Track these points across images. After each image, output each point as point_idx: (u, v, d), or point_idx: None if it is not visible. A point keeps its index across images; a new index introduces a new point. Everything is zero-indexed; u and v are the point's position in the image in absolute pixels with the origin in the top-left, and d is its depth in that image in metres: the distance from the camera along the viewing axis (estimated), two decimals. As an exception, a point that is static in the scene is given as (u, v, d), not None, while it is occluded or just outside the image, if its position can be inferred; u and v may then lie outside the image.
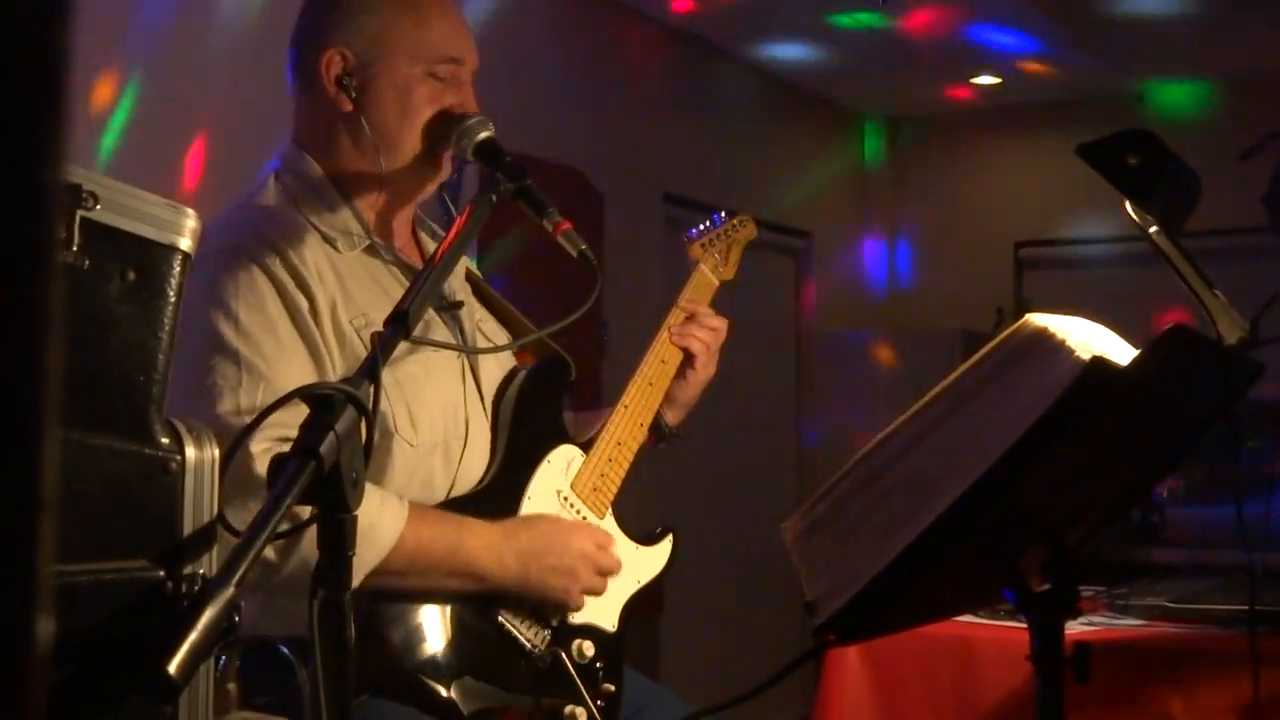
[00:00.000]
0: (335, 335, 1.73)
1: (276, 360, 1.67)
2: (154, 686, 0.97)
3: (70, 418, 1.08)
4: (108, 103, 3.17)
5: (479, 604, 1.76)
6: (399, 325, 1.37)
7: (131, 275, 1.12)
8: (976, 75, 6.01)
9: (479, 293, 2.02)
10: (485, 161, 1.75)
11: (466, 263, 2.00)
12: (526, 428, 1.89)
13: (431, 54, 1.81)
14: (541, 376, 1.94)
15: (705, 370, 2.10)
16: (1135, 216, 1.53)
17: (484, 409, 1.87)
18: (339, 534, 1.19)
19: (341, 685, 1.18)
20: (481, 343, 1.93)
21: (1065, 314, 1.29)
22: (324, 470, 1.15)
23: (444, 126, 1.80)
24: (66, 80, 0.40)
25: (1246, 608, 2.01)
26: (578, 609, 1.85)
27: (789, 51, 5.70)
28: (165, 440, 1.14)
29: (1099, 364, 1.17)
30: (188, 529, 1.14)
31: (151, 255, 1.14)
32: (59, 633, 1.05)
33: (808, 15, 5.22)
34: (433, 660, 1.69)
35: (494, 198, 1.63)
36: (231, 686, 1.47)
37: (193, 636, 0.98)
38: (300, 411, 1.20)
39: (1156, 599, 2.48)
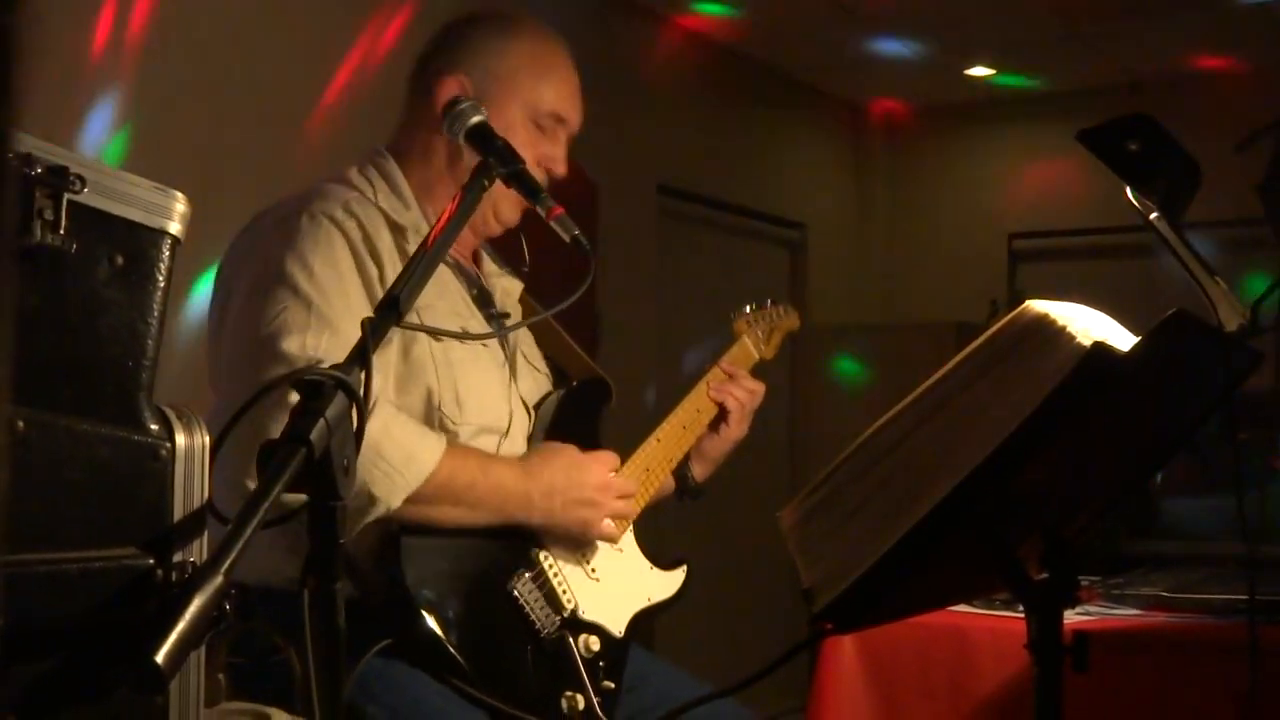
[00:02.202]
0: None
1: (344, 313, 1.75)
2: (143, 675, 0.96)
3: (58, 404, 1.07)
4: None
5: (496, 581, 1.83)
6: (390, 311, 1.36)
7: (120, 260, 1.11)
8: (971, 66, 5.99)
9: (529, 315, 2.10)
10: (478, 146, 1.74)
11: (520, 288, 2.10)
12: (562, 435, 1.98)
13: (542, 108, 1.97)
14: (581, 394, 2.06)
15: (738, 428, 2.23)
16: (1136, 203, 1.52)
17: (525, 411, 1.97)
18: (330, 522, 1.17)
19: (333, 674, 1.16)
20: (520, 362, 2.02)
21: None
22: (314, 457, 1.13)
23: (449, 106, 1.82)
24: (16, 48, 0.38)
25: (1244, 597, 2.00)
26: (608, 537, 1.95)
27: (784, 43, 5.68)
28: (155, 427, 1.13)
29: (1100, 350, 1.16)
30: (177, 516, 1.13)
31: (140, 239, 1.12)
32: (48, 621, 1.04)
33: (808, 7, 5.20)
34: (447, 620, 1.76)
35: (486, 182, 1.62)
36: (222, 676, 1.45)
37: (182, 625, 0.97)
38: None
39: (1154, 588, 2.47)
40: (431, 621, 1.74)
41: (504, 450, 1.91)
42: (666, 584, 2.10)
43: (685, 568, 2.12)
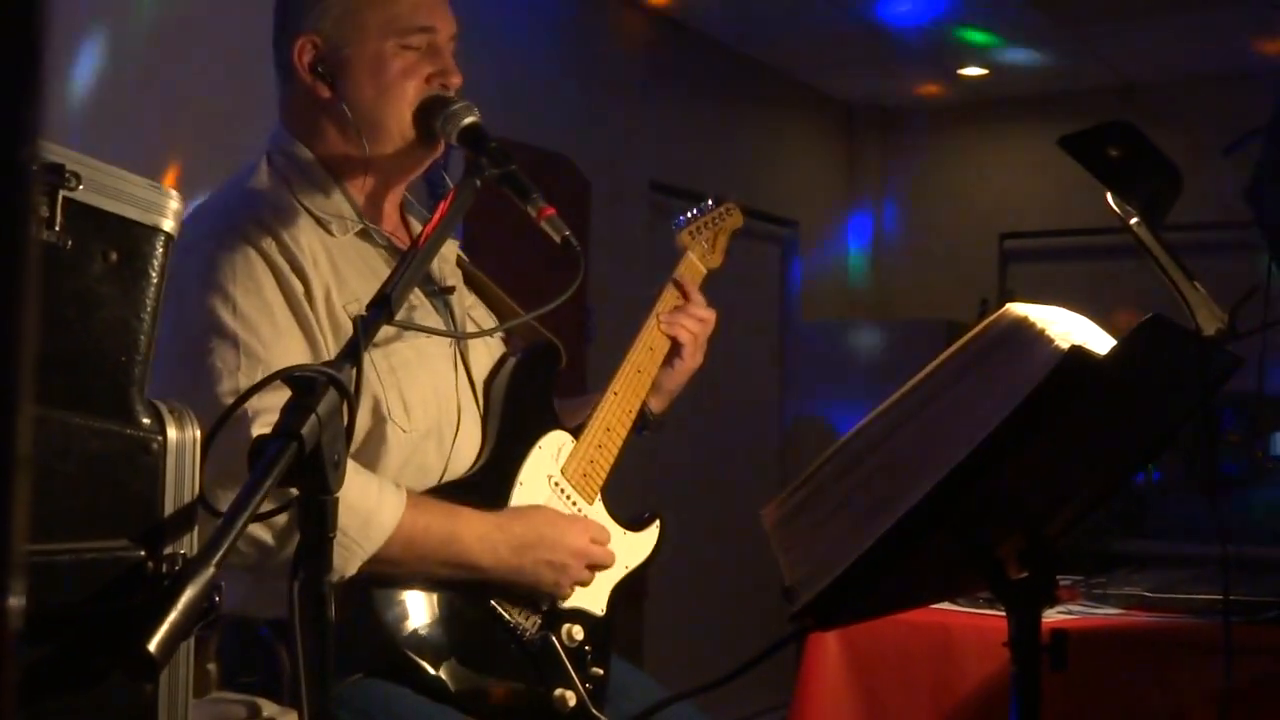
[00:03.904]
0: (330, 320, 1.73)
1: (274, 344, 1.66)
2: (134, 665, 0.98)
3: (52, 397, 1.08)
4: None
5: (471, 588, 1.77)
6: (382, 308, 1.37)
7: (114, 256, 1.12)
8: (964, 67, 6.01)
9: (469, 279, 2.02)
10: (470, 147, 1.74)
11: (456, 248, 1.99)
12: (518, 413, 1.89)
13: (402, 26, 1.79)
14: (532, 362, 1.94)
15: (693, 360, 2.11)
16: (1117, 208, 1.54)
17: (475, 395, 1.87)
18: (320, 516, 1.19)
19: (322, 666, 1.18)
20: (471, 329, 1.92)
21: (1047, 305, 1.30)
22: (305, 452, 1.15)
23: (440, 106, 1.78)
24: (42, 53, 0.40)
25: (1222, 597, 2.02)
26: (565, 599, 1.86)
27: (778, 41, 5.70)
28: (147, 420, 1.15)
29: (1078, 353, 1.18)
30: (169, 509, 1.14)
31: (134, 236, 1.14)
32: (40, 611, 1.06)
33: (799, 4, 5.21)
34: (425, 641, 1.70)
35: (478, 183, 1.62)
36: (211, 666, 1.47)
37: (173, 615, 0.99)
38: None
39: (1134, 588, 2.49)
40: (409, 651, 1.68)
41: (456, 449, 1.82)
42: (641, 546, 2.00)
43: (658, 522, 2.02)
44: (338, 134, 1.81)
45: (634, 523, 2.01)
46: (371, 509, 1.63)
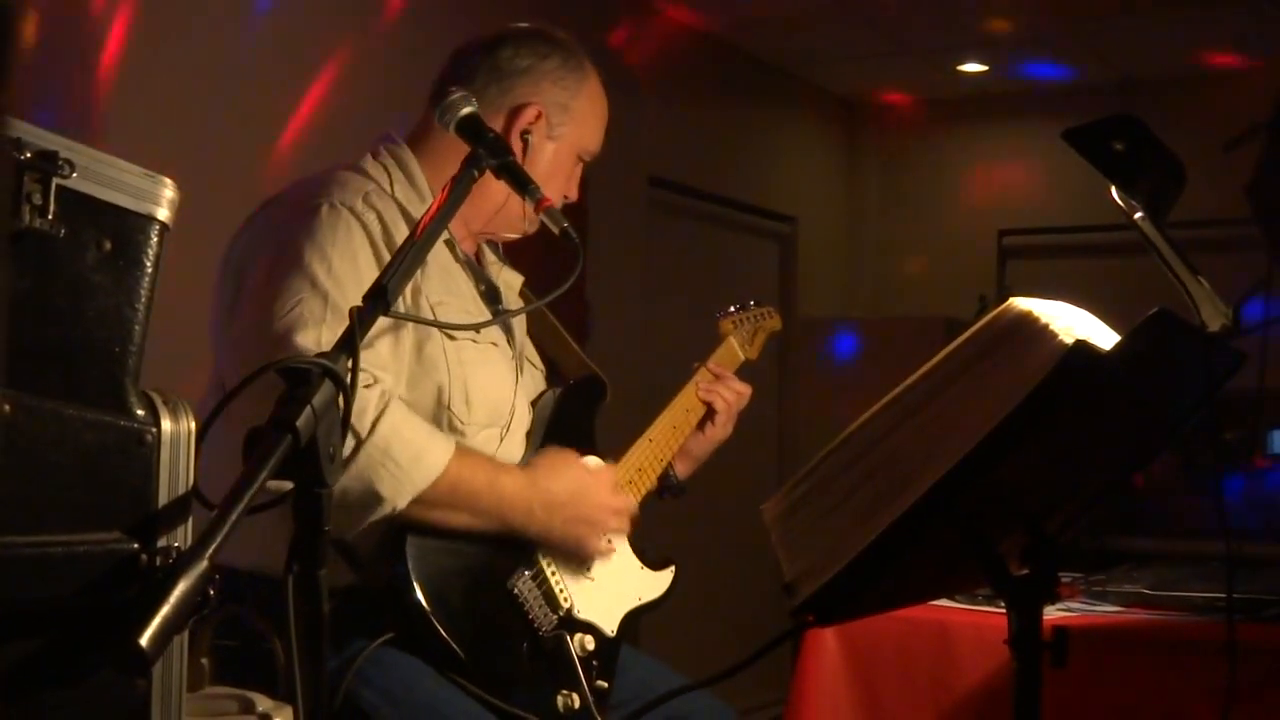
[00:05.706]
0: (413, 303, 1.84)
1: None
2: (126, 659, 0.96)
3: (44, 388, 1.07)
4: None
5: (497, 578, 1.87)
6: (379, 301, 1.36)
7: (108, 244, 1.11)
8: (964, 63, 6.00)
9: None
10: (468, 137, 1.74)
11: (520, 280, 2.14)
12: (560, 433, 2.02)
13: (589, 145, 2.08)
14: (578, 392, 2.09)
15: (723, 429, 2.30)
16: (1121, 202, 1.53)
17: (526, 409, 2.00)
18: (315, 509, 1.18)
19: (316, 660, 1.17)
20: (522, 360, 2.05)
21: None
22: (300, 444, 1.13)
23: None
24: (13, 36, 0.39)
25: (1223, 595, 2.02)
26: (602, 555, 1.99)
27: (777, 36, 5.68)
28: (141, 412, 1.13)
29: (1082, 348, 1.17)
30: (163, 501, 1.13)
31: (129, 225, 1.12)
32: (32, 604, 1.05)
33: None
34: (450, 614, 1.78)
35: (476, 174, 1.62)
36: (205, 660, 1.46)
37: (165, 610, 0.97)
38: (375, 352, 1.50)
39: (1135, 585, 2.49)
40: (432, 614, 1.76)
41: (504, 447, 1.92)
42: (656, 584, 2.14)
43: (673, 568, 2.17)
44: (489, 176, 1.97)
45: (653, 561, 2.15)
46: (423, 447, 1.76)
